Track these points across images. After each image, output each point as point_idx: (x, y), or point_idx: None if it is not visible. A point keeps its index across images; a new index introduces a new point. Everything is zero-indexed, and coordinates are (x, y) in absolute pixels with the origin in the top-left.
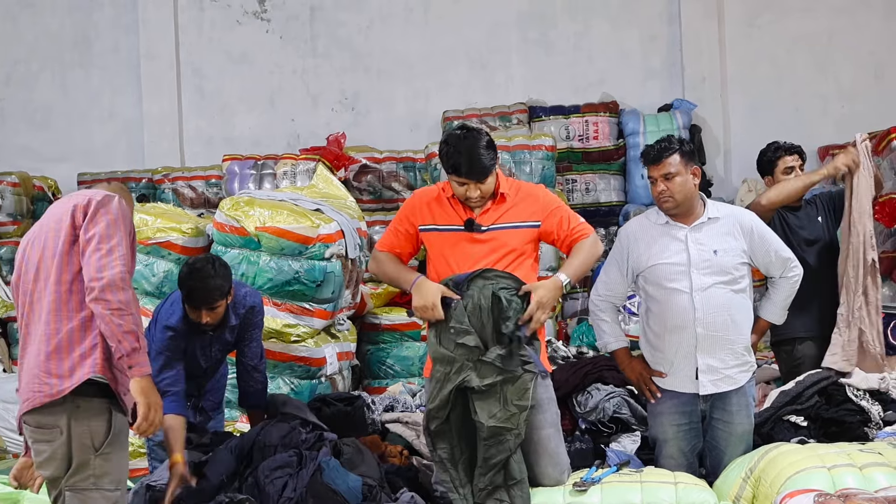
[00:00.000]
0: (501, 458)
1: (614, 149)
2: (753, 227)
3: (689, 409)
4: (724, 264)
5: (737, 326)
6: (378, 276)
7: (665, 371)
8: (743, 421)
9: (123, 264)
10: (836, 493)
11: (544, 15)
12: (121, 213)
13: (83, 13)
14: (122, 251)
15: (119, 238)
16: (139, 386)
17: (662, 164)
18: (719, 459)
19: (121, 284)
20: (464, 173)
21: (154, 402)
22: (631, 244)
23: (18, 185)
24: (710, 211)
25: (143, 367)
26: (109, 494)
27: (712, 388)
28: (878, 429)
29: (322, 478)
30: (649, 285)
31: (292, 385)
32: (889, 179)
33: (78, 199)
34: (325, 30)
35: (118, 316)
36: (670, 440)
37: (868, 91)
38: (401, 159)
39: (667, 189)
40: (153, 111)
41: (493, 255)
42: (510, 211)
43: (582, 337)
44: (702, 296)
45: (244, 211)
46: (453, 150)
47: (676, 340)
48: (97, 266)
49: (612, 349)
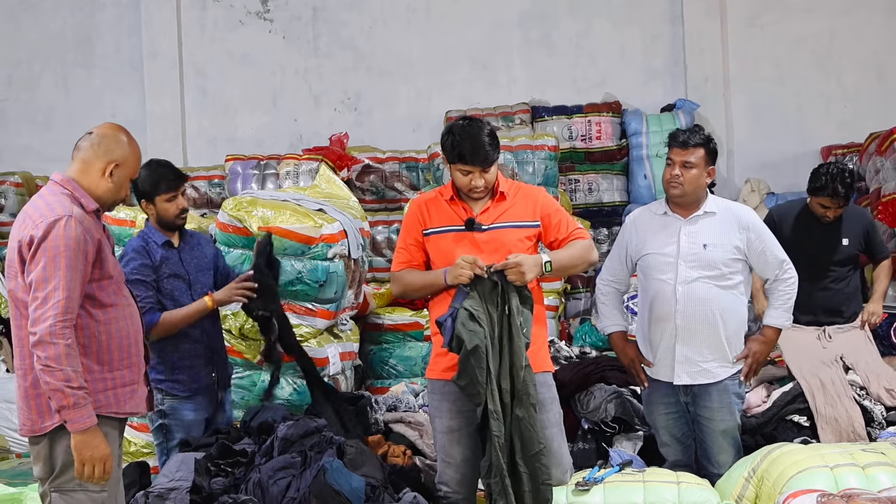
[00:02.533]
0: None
1: (617, 149)
2: (751, 224)
3: (673, 399)
4: (712, 259)
5: (718, 321)
6: (404, 293)
7: (651, 360)
8: (725, 418)
9: (56, 312)
10: (839, 493)
11: (546, 15)
12: (64, 243)
13: (85, 13)
14: (59, 295)
15: (58, 279)
16: (74, 442)
17: (687, 152)
18: (708, 454)
19: (48, 339)
20: (469, 160)
21: (90, 457)
22: (631, 232)
23: (21, 185)
24: (708, 205)
25: (75, 423)
26: (95, 496)
27: (688, 379)
28: (880, 428)
29: (325, 478)
30: (643, 275)
31: (295, 385)
32: (892, 180)
33: (26, 226)
34: (328, 30)
35: (47, 373)
36: (661, 428)
37: (870, 91)
38: (403, 159)
39: (680, 175)
40: (156, 111)
41: (494, 255)
42: (510, 210)
43: (585, 337)
44: (685, 288)
45: (247, 211)
46: (458, 137)
47: (660, 330)
48: (32, 319)
49: (609, 332)
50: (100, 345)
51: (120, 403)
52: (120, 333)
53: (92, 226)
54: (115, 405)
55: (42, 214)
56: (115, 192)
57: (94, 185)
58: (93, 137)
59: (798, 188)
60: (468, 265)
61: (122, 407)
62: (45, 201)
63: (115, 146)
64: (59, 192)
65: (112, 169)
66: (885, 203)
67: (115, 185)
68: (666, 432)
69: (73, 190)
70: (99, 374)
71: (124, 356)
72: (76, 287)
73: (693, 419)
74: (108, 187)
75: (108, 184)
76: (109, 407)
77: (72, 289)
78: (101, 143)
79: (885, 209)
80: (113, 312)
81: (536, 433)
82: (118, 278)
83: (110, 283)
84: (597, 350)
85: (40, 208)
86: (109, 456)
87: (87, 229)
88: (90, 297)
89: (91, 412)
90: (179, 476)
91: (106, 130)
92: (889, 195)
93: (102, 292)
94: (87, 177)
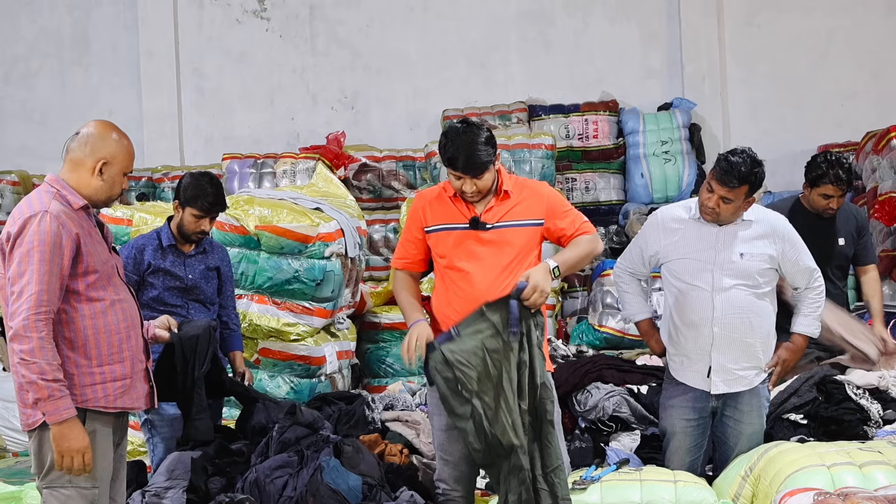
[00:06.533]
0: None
1: (614, 147)
2: (786, 234)
3: (700, 406)
4: (747, 268)
5: (754, 329)
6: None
7: (680, 364)
8: (753, 421)
9: (29, 306)
10: (836, 491)
11: (543, 13)
12: (38, 238)
13: (82, 11)
14: (32, 289)
15: (31, 273)
16: (52, 433)
17: (727, 190)
18: (727, 455)
19: (22, 333)
20: (460, 168)
21: (67, 448)
22: (658, 234)
23: (18, 183)
24: (746, 213)
25: (52, 415)
26: (86, 492)
27: (724, 387)
28: (877, 427)
29: (322, 477)
30: (673, 278)
31: (292, 384)
32: (889, 178)
33: (8, 223)
34: (325, 28)
35: (23, 366)
36: (678, 434)
37: (867, 89)
38: (400, 158)
39: (717, 207)
40: (152, 110)
41: (498, 254)
42: (514, 209)
43: (582, 336)
44: (722, 296)
45: (244, 210)
46: (451, 143)
47: (693, 336)
48: (8, 314)
49: (636, 320)
50: (86, 339)
51: (109, 398)
52: (108, 328)
53: (73, 222)
54: (104, 400)
55: (21, 212)
56: (107, 189)
57: (83, 183)
58: (80, 136)
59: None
60: (404, 352)
61: (112, 402)
62: (28, 199)
63: (103, 144)
64: (45, 191)
65: (101, 166)
66: (881, 202)
67: (107, 182)
68: (680, 440)
69: (60, 188)
70: (87, 368)
71: (114, 351)
72: (52, 281)
73: (719, 422)
74: (99, 185)
75: (98, 181)
76: (97, 401)
77: (46, 282)
78: (89, 141)
79: (882, 208)
80: (100, 307)
81: (555, 448)
82: (107, 272)
83: (96, 277)
84: (594, 349)
85: (21, 206)
86: (88, 448)
87: (64, 224)
88: (74, 291)
89: (69, 404)
90: (176, 475)
91: (93, 129)
92: (885, 194)
93: (87, 287)
94: (76, 175)
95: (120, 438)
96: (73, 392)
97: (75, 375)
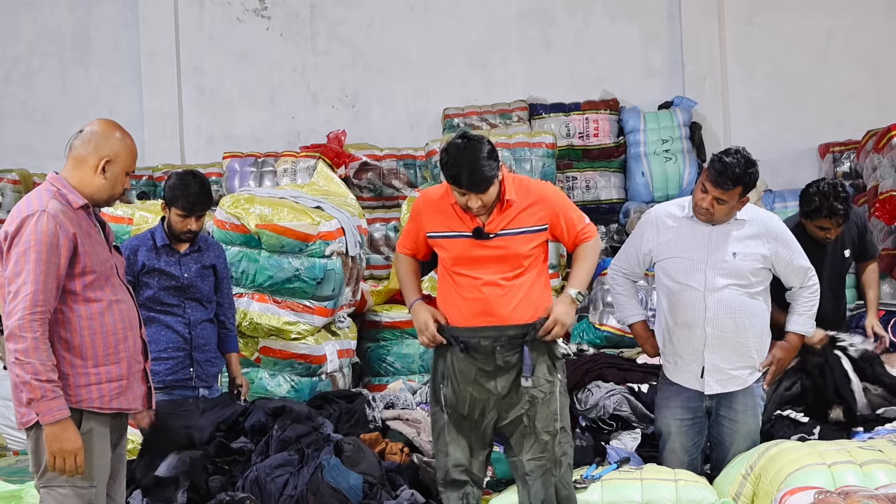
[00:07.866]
0: (549, 491)
1: (615, 146)
2: (779, 234)
3: (693, 405)
4: (740, 268)
5: (747, 329)
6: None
7: (674, 364)
8: (749, 420)
9: (25, 306)
10: (837, 490)
11: (544, 12)
12: (35, 238)
13: (83, 10)
14: (27, 289)
15: (27, 273)
16: (45, 434)
17: (721, 191)
18: (724, 455)
19: (18, 333)
20: (464, 185)
21: (59, 449)
22: (651, 232)
23: (19, 182)
24: (739, 213)
25: (45, 416)
26: (83, 492)
27: (718, 387)
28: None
29: (323, 476)
30: (665, 277)
31: (293, 382)
32: (889, 177)
33: (7, 222)
34: (326, 27)
35: (18, 366)
36: (673, 434)
37: (868, 89)
38: (401, 157)
39: (711, 208)
40: (153, 108)
41: (503, 263)
42: (518, 216)
43: (582, 334)
44: (715, 296)
45: (244, 208)
46: (453, 161)
47: (686, 336)
48: (5, 313)
49: (630, 322)
50: (83, 339)
51: (105, 399)
52: (105, 329)
53: (72, 221)
54: (100, 400)
55: (20, 211)
56: (109, 187)
57: (85, 181)
58: (84, 134)
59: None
60: (422, 333)
61: (108, 403)
62: (28, 199)
63: (106, 142)
64: (44, 189)
65: (104, 165)
66: (882, 200)
67: (109, 180)
68: (676, 440)
69: (60, 187)
70: (82, 368)
71: (111, 352)
72: (49, 280)
73: (714, 421)
74: (102, 183)
75: (101, 180)
76: (92, 402)
77: (42, 282)
78: (92, 139)
79: (883, 206)
80: (97, 307)
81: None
82: (105, 273)
83: (94, 277)
84: (594, 347)
85: (20, 205)
86: (81, 449)
87: (62, 224)
88: (71, 292)
89: (62, 405)
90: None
91: (96, 127)
92: (886, 192)
93: (84, 287)
94: (78, 174)
95: (119, 438)
96: (69, 392)
97: (71, 376)
